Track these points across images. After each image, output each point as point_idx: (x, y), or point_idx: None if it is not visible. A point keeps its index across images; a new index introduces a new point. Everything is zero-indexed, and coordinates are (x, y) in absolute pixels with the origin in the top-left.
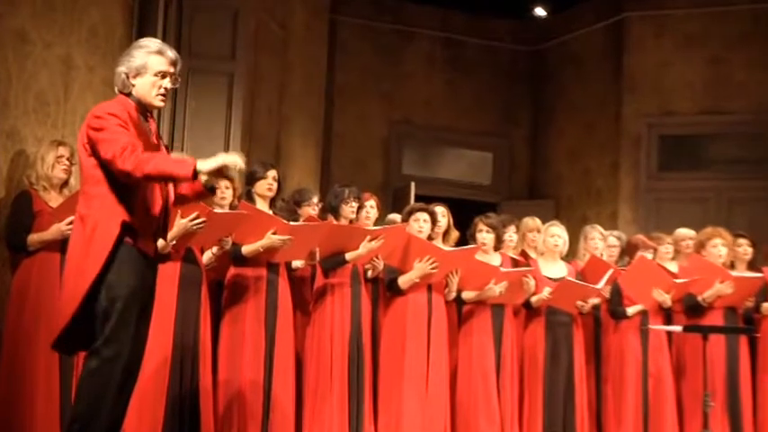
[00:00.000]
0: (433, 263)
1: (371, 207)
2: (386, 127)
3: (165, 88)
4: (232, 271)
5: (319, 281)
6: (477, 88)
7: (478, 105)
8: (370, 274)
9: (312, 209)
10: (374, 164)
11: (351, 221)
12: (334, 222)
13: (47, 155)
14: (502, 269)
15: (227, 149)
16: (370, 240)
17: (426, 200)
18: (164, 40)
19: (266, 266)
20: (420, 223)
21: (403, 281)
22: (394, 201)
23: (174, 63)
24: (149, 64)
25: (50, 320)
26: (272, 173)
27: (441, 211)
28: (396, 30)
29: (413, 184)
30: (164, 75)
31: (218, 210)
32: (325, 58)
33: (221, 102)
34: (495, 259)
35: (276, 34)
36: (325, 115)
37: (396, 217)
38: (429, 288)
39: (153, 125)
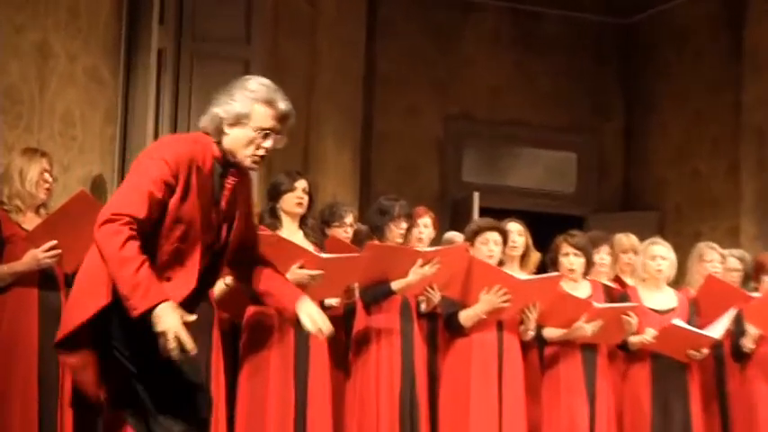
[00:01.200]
0: (504, 294)
1: (425, 226)
2: (441, 124)
3: (266, 149)
4: (251, 310)
5: (360, 320)
6: (556, 72)
7: (557, 93)
8: (423, 308)
9: (344, 230)
10: (427, 170)
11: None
12: (377, 243)
13: (28, 168)
14: (595, 304)
15: None
16: (423, 265)
17: (494, 214)
18: (162, 18)
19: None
20: (490, 246)
21: (466, 316)
22: (453, 216)
23: (283, 118)
24: (253, 115)
25: (27, 376)
26: (302, 183)
27: (516, 229)
28: (451, 2)
29: (476, 195)
30: (267, 133)
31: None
32: (363, 39)
33: None
34: (583, 289)
35: (302, 11)
36: (365, 111)
37: (455, 236)
38: (499, 326)
39: (231, 184)
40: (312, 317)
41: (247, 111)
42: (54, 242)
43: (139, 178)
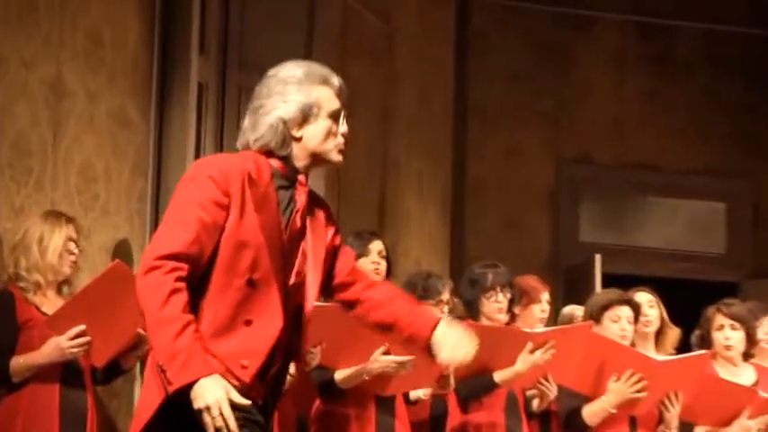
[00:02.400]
0: (637, 381)
1: (547, 302)
2: (552, 168)
3: (344, 135)
4: (319, 406)
5: (454, 418)
6: (696, 101)
7: (699, 128)
8: (536, 405)
9: (441, 310)
10: (535, 227)
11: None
12: (473, 323)
13: (51, 236)
14: (762, 393)
15: None
16: (535, 350)
17: (621, 281)
18: (202, 46)
19: (374, 401)
20: (622, 324)
21: (590, 412)
22: (567, 285)
23: (342, 93)
24: (321, 101)
25: None
26: (377, 246)
27: (647, 299)
28: (564, 13)
29: (598, 258)
30: (337, 116)
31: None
32: (451, 61)
33: None
34: (745, 373)
35: (374, 29)
36: (455, 152)
37: (575, 310)
38: (632, 422)
39: (302, 196)
40: (450, 341)
41: (312, 99)
42: (82, 328)
43: (183, 206)
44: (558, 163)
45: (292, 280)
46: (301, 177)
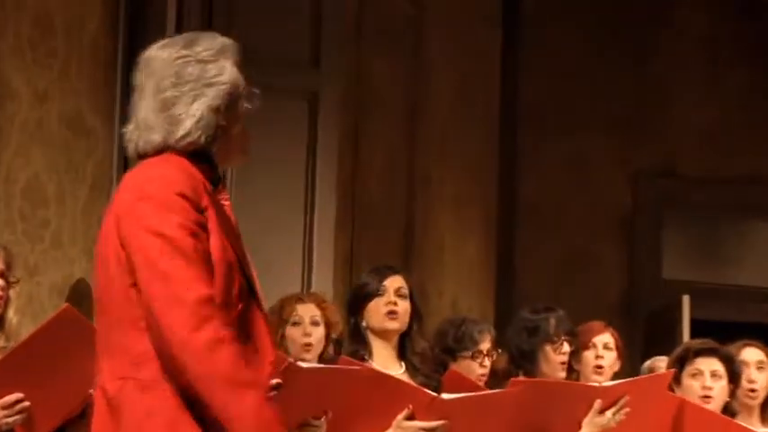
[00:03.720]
0: None
1: (606, 347)
2: (626, 185)
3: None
4: None
5: None
6: None
7: None
8: None
9: (481, 363)
10: (604, 261)
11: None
12: (525, 379)
13: None
14: None
15: (308, 243)
16: (604, 409)
17: (715, 330)
18: (179, 31)
19: None
20: (706, 379)
21: None
22: (647, 335)
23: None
24: (239, 80)
25: None
26: (395, 282)
27: (756, 359)
28: None
29: (685, 300)
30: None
31: (304, 363)
32: (498, 54)
33: (295, 146)
34: None
35: (400, 15)
36: (502, 166)
37: (657, 363)
38: None
39: (227, 196)
40: None
41: (234, 78)
42: (20, 395)
43: (174, 237)
44: (634, 179)
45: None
46: (221, 184)
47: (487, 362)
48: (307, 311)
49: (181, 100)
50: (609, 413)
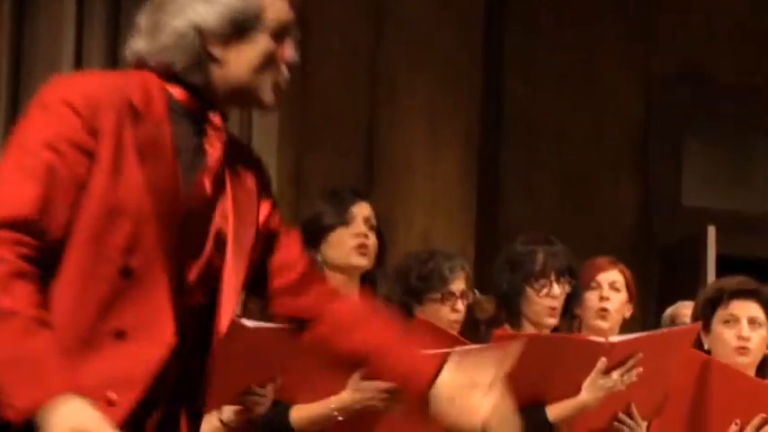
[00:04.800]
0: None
1: (613, 288)
2: (640, 91)
3: (290, 66)
4: None
5: None
6: None
7: None
8: None
9: (452, 307)
10: (613, 186)
11: (553, 330)
12: (511, 332)
13: None
14: None
15: None
16: (611, 369)
17: (746, 268)
18: None
19: None
20: (743, 327)
21: None
22: (666, 273)
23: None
24: (266, 6)
25: None
26: (362, 210)
27: None
28: None
29: (711, 232)
30: (284, 33)
31: (248, 321)
32: None
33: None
34: None
35: None
36: (486, 72)
37: (681, 310)
38: None
39: (217, 147)
40: (463, 398)
41: (252, 3)
42: None
43: (26, 145)
44: (650, 83)
45: (194, 274)
46: (215, 117)
47: (461, 305)
48: None
49: (172, 6)
50: (616, 374)
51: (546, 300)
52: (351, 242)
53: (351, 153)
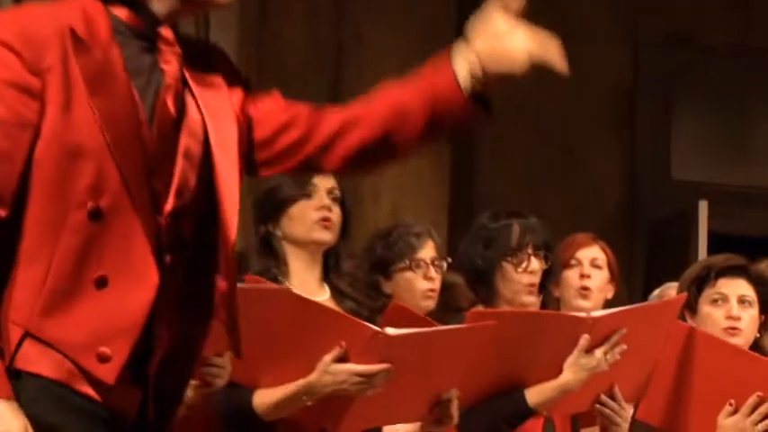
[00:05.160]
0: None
1: (593, 265)
2: (627, 55)
3: None
4: None
5: None
6: None
7: None
8: None
9: (426, 275)
10: (597, 155)
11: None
12: (484, 310)
13: None
14: None
15: None
16: (593, 347)
17: (739, 246)
18: None
19: None
20: (732, 307)
21: None
22: (654, 251)
23: None
24: None
25: None
26: (325, 182)
27: None
28: None
29: (703, 207)
30: None
31: None
32: None
33: None
34: None
35: None
36: (461, 25)
37: (668, 291)
38: None
39: (173, 62)
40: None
41: None
42: None
43: None
44: (637, 46)
45: (170, 204)
46: (166, 32)
47: (434, 273)
48: None
49: None
50: (599, 352)
51: (524, 276)
52: (313, 215)
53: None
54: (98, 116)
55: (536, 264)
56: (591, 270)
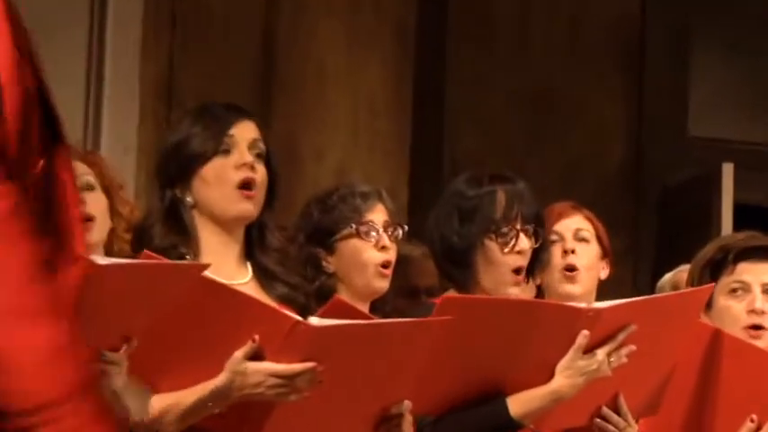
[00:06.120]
0: None
1: (577, 237)
2: None
3: None
4: None
5: None
6: None
7: None
8: None
9: (378, 244)
10: (596, 105)
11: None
12: (457, 296)
13: None
14: None
15: (97, 66)
16: (595, 346)
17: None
18: None
19: None
20: (756, 298)
21: None
22: (666, 224)
23: None
24: None
25: None
26: (249, 130)
27: None
28: None
29: (727, 171)
30: None
31: (101, 258)
32: None
33: None
34: None
35: None
36: None
37: (682, 276)
38: None
39: None
40: None
41: None
42: None
43: None
44: None
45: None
46: None
47: (387, 241)
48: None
49: None
50: (601, 352)
51: (510, 257)
52: (232, 176)
53: (240, 58)
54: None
55: (525, 242)
56: (575, 244)
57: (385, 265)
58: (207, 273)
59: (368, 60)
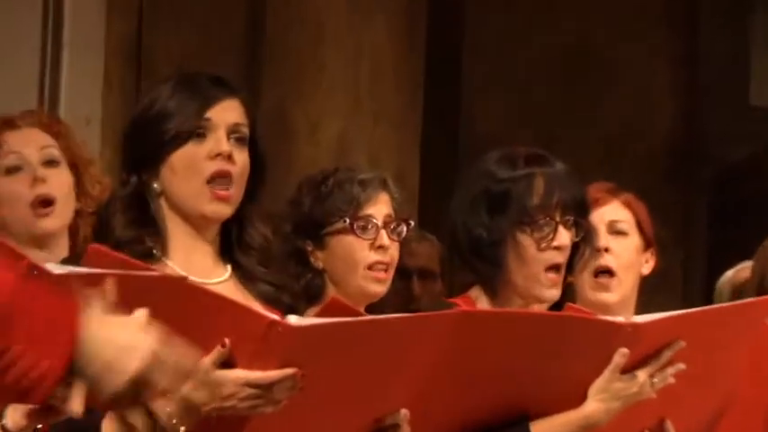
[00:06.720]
0: None
1: (613, 230)
2: None
3: None
4: None
5: None
6: None
7: None
8: None
9: (374, 243)
10: (640, 74)
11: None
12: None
13: None
14: None
15: (54, 28)
16: (635, 364)
17: None
18: None
19: None
20: None
21: None
22: (723, 209)
23: None
24: None
25: None
26: (232, 111)
27: None
28: None
29: None
30: None
31: (54, 266)
32: None
33: None
34: None
35: None
36: None
37: (741, 275)
38: None
39: None
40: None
41: None
42: None
43: None
44: None
45: None
46: None
47: (386, 240)
48: (29, 142)
49: None
50: (642, 373)
51: (547, 254)
52: (203, 167)
53: (225, 19)
54: None
55: (565, 236)
56: (611, 240)
57: (380, 269)
58: (175, 267)
59: (372, 16)
